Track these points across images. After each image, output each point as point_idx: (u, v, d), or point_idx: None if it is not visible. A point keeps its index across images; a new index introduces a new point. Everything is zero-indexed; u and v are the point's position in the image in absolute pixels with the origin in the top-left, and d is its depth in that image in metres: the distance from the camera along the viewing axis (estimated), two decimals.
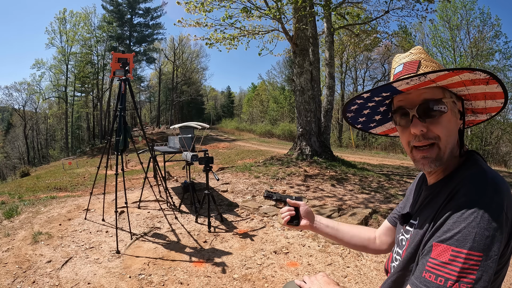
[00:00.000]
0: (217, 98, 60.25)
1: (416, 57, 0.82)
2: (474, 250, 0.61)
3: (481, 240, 0.61)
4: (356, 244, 1.15)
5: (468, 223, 0.63)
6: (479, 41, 21.05)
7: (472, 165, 0.76)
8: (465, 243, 0.62)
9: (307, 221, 1.16)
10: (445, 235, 0.65)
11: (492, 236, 0.62)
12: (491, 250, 0.61)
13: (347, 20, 11.21)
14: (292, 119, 30.43)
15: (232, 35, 7.96)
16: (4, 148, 40.29)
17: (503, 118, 22.30)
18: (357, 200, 4.91)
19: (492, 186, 0.66)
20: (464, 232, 0.63)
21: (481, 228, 0.62)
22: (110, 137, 3.90)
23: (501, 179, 0.69)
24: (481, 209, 0.63)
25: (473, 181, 0.69)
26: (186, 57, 43.69)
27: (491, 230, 0.62)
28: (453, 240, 0.64)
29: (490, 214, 0.62)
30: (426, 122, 0.77)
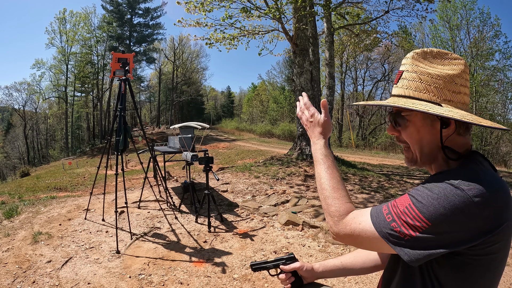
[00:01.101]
0: (217, 98, 60.24)
1: (403, 67, 0.85)
2: (423, 215, 0.66)
3: (435, 212, 0.65)
4: (370, 268, 1.11)
5: (432, 193, 0.68)
6: (479, 41, 21.05)
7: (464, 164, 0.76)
8: (420, 206, 0.67)
9: (310, 277, 1.11)
10: (414, 192, 0.71)
11: (445, 215, 0.64)
12: (441, 226, 0.65)
13: (347, 20, 11.20)
14: (292, 119, 30.42)
15: (232, 35, 7.95)
16: (4, 148, 40.28)
17: (503, 118, 22.32)
18: (356, 200, 4.91)
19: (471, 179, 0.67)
20: (425, 198, 0.68)
21: (439, 203, 0.65)
22: (110, 137, 3.90)
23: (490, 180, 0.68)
24: (449, 190, 0.66)
25: (456, 171, 0.72)
26: (186, 57, 43.68)
27: (448, 210, 0.64)
28: (415, 198, 0.69)
29: (454, 198, 0.65)
30: (398, 127, 0.84)
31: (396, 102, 0.80)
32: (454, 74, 0.77)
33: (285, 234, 3.55)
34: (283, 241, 3.38)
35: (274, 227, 3.80)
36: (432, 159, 0.82)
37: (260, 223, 3.94)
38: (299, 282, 1.08)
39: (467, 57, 21.37)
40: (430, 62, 0.81)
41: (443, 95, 0.77)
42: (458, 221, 0.65)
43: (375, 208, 0.76)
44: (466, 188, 0.65)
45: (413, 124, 0.80)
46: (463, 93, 0.78)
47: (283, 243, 3.31)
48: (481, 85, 20.68)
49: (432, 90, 0.78)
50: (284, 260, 1.10)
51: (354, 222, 0.76)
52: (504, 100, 22.64)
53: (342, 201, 0.81)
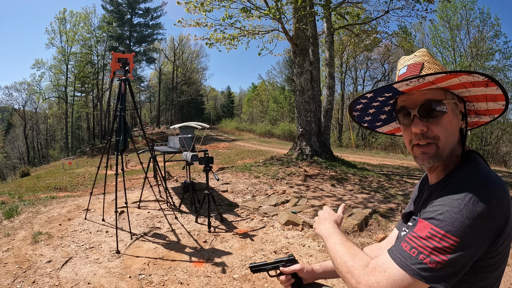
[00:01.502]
0: (217, 98, 60.23)
1: (420, 59, 0.84)
2: (451, 234, 0.63)
3: (460, 226, 0.63)
4: None
5: (452, 207, 0.65)
6: (479, 41, 21.05)
7: (469, 164, 0.78)
8: (444, 225, 0.64)
9: (310, 278, 1.11)
10: (430, 214, 0.68)
11: (472, 226, 0.63)
12: (469, 239, 0.63)
13: (347, 20, 11.21)
14: (292, 119, 30.42)
15: (232, 35, 7.95)
16: (4, 148, 40.28)
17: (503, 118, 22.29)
18: (356, 200, 4.91)
19: (483, 181, 0.68)
20: (446, 215, 0.65)
21: (462, 216, 0.63)
22: (110, 137, 3.90)
23: (495, 178, 0.70)
24: (468, 199, 0.65)
25: (465, 175, 0.72)
26: (186, 57, 43.69)
27: (473, 220, 0.63)
28: (434, 220, 0.66)
29: (475, 206, 0.64)
30: (427, 122, 0.79)
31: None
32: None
33: (285, 234, 3.55)
34: (283, 241, 3.38)
35: (274, 227, 3.80)
36: (451, 154, 0.81)
37: (260, 223, 3.94)
38: (299, 283, 1.08)
39: (467, 57, 21.37)
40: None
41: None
42: (483, 228, 0.64)
43: (392, 250, 0.71)
44: (484, 192, 0.65)
45: (448, 114, 0.79)
46: None
47: (283, 243, 3.31)
48: None
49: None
50: (284, 262, 1.09)
51: (378, 272, 0.69)
52: None
53: (360, 256, 0.76)
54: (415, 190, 1.05)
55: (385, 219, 3.87)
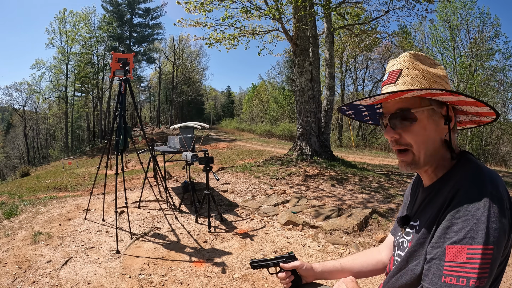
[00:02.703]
0: (217, 98, 60.23)
1: (399, 65, 0.84)
2: (488, 244, 0.63)
3: (492, 233, 0.63)
4: (367, 273, 1.10)
5: (477, 219, 0.64)
6: (479, 41, 21.05)
7: (467, 164, 0.78)
8: (479, 238, 0.63)
9: (309, 276, 1.10)
10: (457, 236, 0.65)
11: (499, 228, 0.64)
12: (500, 241, 0.64)
13: (347, 20, 11.21)
14: (292, 119, 30.42)
15: (232, 35, 7.95)
16: (4, 148, 40.28)
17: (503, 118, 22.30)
18: (356, 200, 4.91)
19: (490, 181, 0.70)
20: (476, 228, 0.64)
21: (490, 222, 0.64)
22: (110, 137, 3.90)
23: (495, 174, 0.73)
24: (486, 204, 0.65)
25: (471, 179, 0.72)
26: (186, 57, 43.68)
27: (498, 222, 0.64)
28: (466, 239, 0.64)
29: (494, 208, 0.65)
30: (398, 129, 0.82)
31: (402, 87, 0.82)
32: (445, 75, 0.84)
33: (285, 234, 3.55)
34: (283, 241, 3.38)
35: (274, 227, 3.80)
36: (433, 159, 0.81)
37: (260, 223, 3.93)
38: (298, 281, 1.07)
39: (467, 57, 21.37)
40: (422, 64, 0.84)
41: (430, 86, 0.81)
42: (506, 223, 0.66)
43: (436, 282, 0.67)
44: (495, 192, 0.67)
45: (420, 121, 0.79)
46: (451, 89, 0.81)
47: (283, 243, 3.31)
48: (481, 85, 20.68)
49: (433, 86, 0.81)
50: (284, 259, 1.10)
51: None
52: (504, 100, 22.67)
53: None
54: (407, 193, 1.03)
55: (385, 219, 3.87)
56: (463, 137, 21.53)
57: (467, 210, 0.66)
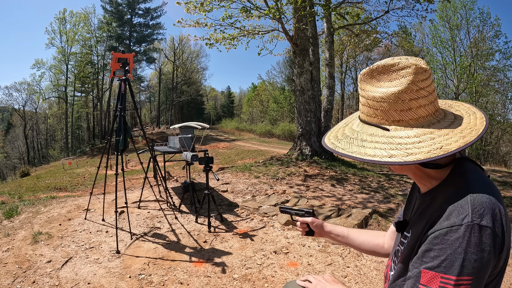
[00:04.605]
0: (217, 98, 60.22)
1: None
2: (463, 275, 0.61)
3: (469, 264, 0.61)
4: (366, 250, 1.17)
5: (454, 249, 0.62)
6: (479, 41, 21.06)
7: (459, 179, 0.73)
8: (453, 269, 0.61)
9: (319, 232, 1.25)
10: (433, 262, 0.64)
11: (480, 258, 0.61)
12: (480, 272, 0.61)
13: (347, 20, 11.21)
14: (292, 119, 30.42)
15: (232, 35, 7.96)
16: (4, 148, 40.28)
17: (503, 118, 22.31)
18: (356, 200, 4.91)
19: (474, 209, 0.64)
20: (451, 258, 0.62)
21: (467, 253, 0.61)
22: (110, 137, 3.90)
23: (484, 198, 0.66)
24: (466, 234, 0.62)
25: (455, 204, 0.67)
26: (186, 57, 43.68)
27: (479, 253, 0.61)
28: (441, 267, 0.63)
29: (475, 238, 0.61)
30: None
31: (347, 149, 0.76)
32: (400, 91, 0.70)
33: (285, 234, 3.55)
34: (283, 241, 3.38)
35: (274, 227, 3.80)
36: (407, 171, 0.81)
37: (260, 223, 3.94)
38: (311, 233, 1.29)
39: (467, 57, 21.38)
40: (377, 81, 0.75)
41: (391, 117, 0.73)
42: (489, 254, 0.62)
43: None
44: (479, 220, 0.62)
45: None
46: (416, 107, 0.71)
47: (283, 243, 3.31)
48: (481, 85, 20.68)
49: (380, 114, 0.74)
50: (304, 212, 1.29)
51: None
52: (504, 100, 22.66)
53: None
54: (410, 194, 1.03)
55: (385, 219, 3.87)
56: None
57: (445, 239, 0.64)
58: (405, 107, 0.71)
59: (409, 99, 0.71)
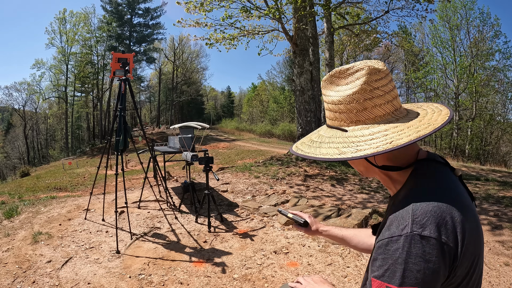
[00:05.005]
0: (217, 98, 60.21)
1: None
2: (406, 285, 0.60)
3: (411, 275, 0.60)
4: (363, 249, 1.17)
5: (394, 259, 0.62)
6: (479, 41, 21.07)
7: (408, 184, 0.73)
8: (395, 279, 0.61)
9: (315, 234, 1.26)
10: (378, 271, 0.65)
11: (424, 269, 0.60)
12: (426, 283, 0.60)
13: (347, 20, 11.21)
14: (292, 119, 30.42)
15: (232, 35, 7.96)
16: (4, 148, 40.29)
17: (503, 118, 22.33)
18: (356, 200, 4.91)
19: (417, 216, 0.63)
20: (392, 269, 0.62)
21: (408, 263, 0.61)
22: (110, 137, 3.90)
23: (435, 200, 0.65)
24: (405, 245, 0.61)
25: (400, 212, 0.67)
26: (186, 57, 43.68)
27: (422, 263, 0.60)
28: (385, 277, 0.63)
29: (416, 248, 0.61)
30: None
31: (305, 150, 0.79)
32: (354, 92, 0.72)
33: (285, 234, 3.55)
34: (283, 241, 3.38)
35: (274, 227, 3.80)
36: (373, 173, 0.81)
37: (260, 223, 3.94)
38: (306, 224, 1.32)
39: (467, 57, 21.38)
40: (336, 85, 0.78)
41: (349, 118, 0.74)
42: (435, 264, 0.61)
43: None
44: (420, 230, 0.61)
45: None
46: (371, 106, 0.72)
47: (283, 243, 3.31)
48: (481, 85, 20.68)
49: (339, 117, 0.76)
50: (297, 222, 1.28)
51: None
52: (504, 100, 22.68)
53: None
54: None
55: None
56: (463, 137, 21.54)
57: (387, 249, 0.64)
58: (360, 108, 0.73)
59: (363, 99, 0.72)
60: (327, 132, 0.80)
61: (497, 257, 2.86)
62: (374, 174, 0.82)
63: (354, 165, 0.84)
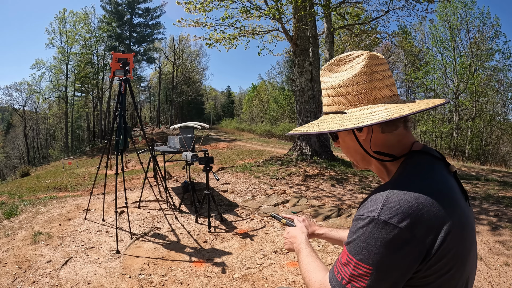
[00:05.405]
0: (217, 98, 60.21)
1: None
2: (362, 262, 0.63)
3: (369, 255, 0.62)
4: None
5: (358, 235, 0.65)
6: (479, 41, 21.07)
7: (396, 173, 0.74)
8: (355, 253, 0.65)
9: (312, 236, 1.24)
10: (348, 239, 0.68)
11: (381, 254, 0.61)
12: (382, 266, 0.62)
13: (347, 20, 11.22)
14: (292, 119, 30.43)
15: (232, 35, 7.96)
16: (4, 148, 40.29)
17: (503, 118, 22.32)
18: (356, 200, 4.91)
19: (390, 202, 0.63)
20: (354, 243, 0.65)
21: (368, 244, 0.63)
22: (110, 137, 3.90)
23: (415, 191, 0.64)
24: (370, 226, 0.63)
25: (376, 194, 0.68)
26: (186, 57, 43.68)
27: (381, 248, 0.61)
28: (349, 246, 0.67)
29: (378, 232, 0.62)
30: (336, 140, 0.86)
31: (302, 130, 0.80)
32: (354, 75, 0.74)
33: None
34: (283, 241, 3.37)
35: (274, 227, 3.80)
36: (368, 163, 0.82)
37: (260, 223, 3.94)
38: None
39: (467, 57, 21.38)
40: (335, 72, 0.80)
41: (348, 101, 0.75)
42: (398, 252, 0.61)
43: (331, 270, 0.73)
44: (388, 217, 0.62)
45: (340, 136, 0.83)
46: (370, 88, 0.73)
47: (283, 243, 3.31)
48: (481, 85, 20.68)
49: (339, 101, 0.77)
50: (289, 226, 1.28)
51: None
52: (504, 100, 22.68)
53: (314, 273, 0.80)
54: None
55: None
56: (463, 137, 21.54)
57: (355, 224, 0.67)
58: (360, 89, 0.74)
59: (364, 81, 0.74)
60: (325, 117, 0.81)
61: (497, 257, 2.86)
62: (370, 164, 0.82)
63: (350, 153, 0.84)
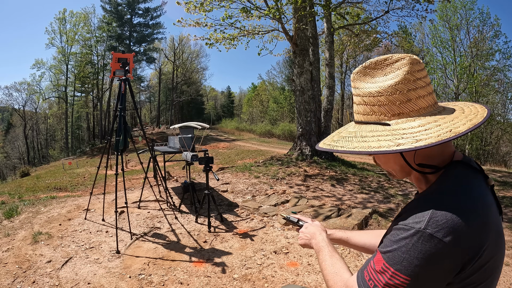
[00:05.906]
0: (217, 98, 60.19)
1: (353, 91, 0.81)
2: (401, 272, 0.62)
3: (409, 266, 0.61)
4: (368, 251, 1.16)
5: (399, 246, 0.63)
6: (479, 41, 21.05)
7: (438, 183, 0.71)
8: (393, 263, 0.63)
9: None
10: (384, 248, 0.67)
11: (422, 266, 0.61)
12: (420, 278, 0.61)
13: (347, 20, 11.22)
14: (292, 119, 30.42)
15: (232, 35, 7.96)
16: (4, 148, 40.28)
17: (503, 118, 22.31)
18: (356, 200, 4.91)
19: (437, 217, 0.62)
20: (395, 253, 0.64)
21: (410, 256, 0.62)
22: (110, 137, 3.90)
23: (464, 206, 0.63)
24: (416, 239, 0.62)
25: (421, 207, 0.66)
26: (186, 57, 43.65)
27: (422, 260, 0.61)
28: (386, 255, 0.65)
29: (422, 245, 0.61)
30: None
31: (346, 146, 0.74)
32: (396, 82, 0.69)
33: (285, 234, 3.55)
34: (283, 241, 3.38)
35: (274, 227, 3.80)
36: (407, 174, 0.79)
37: (260, 223, 3.94)
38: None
39: (467, 57, 21.37)
40: (371, 77, 0.74)
41: (390, 111, 0.70)
42: (437, 266, 0.61)
43: (359, 274, 0.71)
44: (434, 230, 0.61)
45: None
46: (415, 97, 0.69)
47: (283, 243, 3.31)
48: (481, 85, 20.68)
49: (378, 110, 0.72)
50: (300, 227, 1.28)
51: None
52: (504, 100, 22.66)
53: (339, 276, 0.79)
54: None
55: (385, 219, 3.87)
56: (463, 137, 21.54)
57: (397, 234, 0.65)
58: (404, 99, 0.69)
59: (408, 89, 0.69)
60: (362, 128, 0.75)
61: None
62: (407, 174, 0.79)
63: (388, 164, 0.79)
